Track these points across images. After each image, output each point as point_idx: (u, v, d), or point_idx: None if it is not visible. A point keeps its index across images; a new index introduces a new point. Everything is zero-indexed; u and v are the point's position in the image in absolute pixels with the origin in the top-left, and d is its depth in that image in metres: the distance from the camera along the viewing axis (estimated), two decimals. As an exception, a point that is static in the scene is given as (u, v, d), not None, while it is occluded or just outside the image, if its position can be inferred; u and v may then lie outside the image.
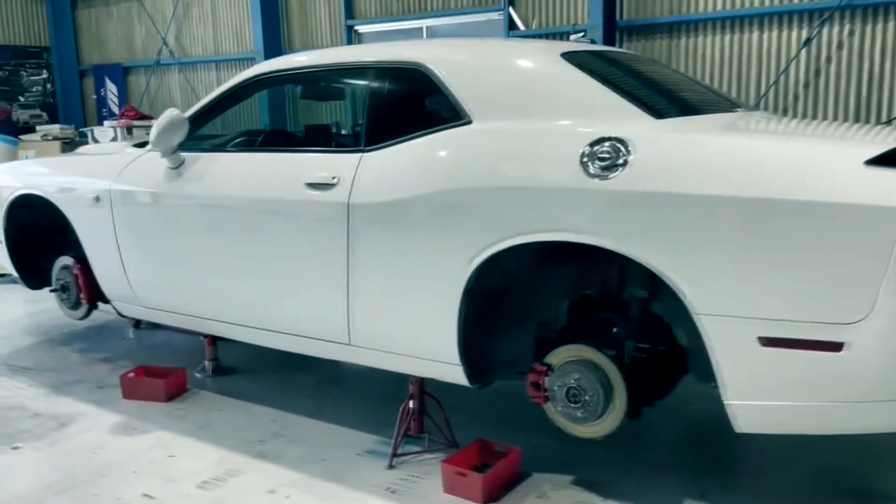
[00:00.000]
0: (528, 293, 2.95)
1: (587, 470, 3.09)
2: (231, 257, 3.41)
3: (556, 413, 2.80)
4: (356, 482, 3.06)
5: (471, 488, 2.86)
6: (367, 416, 3.71)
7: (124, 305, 4.14)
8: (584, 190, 2.44)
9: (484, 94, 2.82)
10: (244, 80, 3.53)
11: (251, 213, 3.30)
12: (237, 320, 3.53)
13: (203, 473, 3.17)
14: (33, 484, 3.11)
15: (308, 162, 3.20)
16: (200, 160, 3.56)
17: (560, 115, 2.66)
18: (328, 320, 3.19)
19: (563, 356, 2.77)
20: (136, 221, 3.76)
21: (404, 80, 3.08)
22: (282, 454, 3.33)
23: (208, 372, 4.37)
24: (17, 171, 4.55)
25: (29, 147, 10.01)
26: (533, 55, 2.89)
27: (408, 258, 2.86)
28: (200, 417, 3.76)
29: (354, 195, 2.98)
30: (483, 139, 2.72)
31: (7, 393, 4.17)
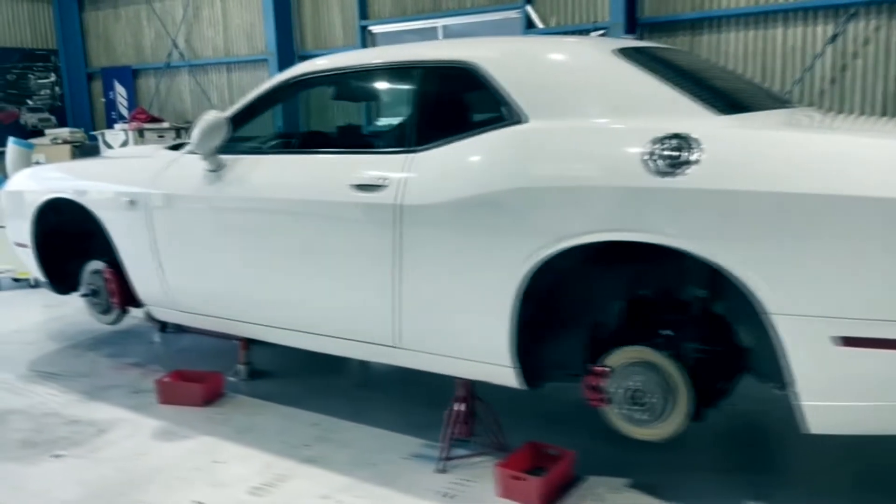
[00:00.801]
0: (581, 294, 2.91)
1: (641, 473, 3.05)
2: (274, 260, 3.37)
3: (616, 416, 2.76)
4: (408, 486, 3.02)
5: (527, 492, 2.83)
6: (408, 419, 3.67)
7: (159, 309, 4.09)
8: (650, 189, 2.41)
9: (538, 93, 2.78)
10: (285, 81, 3.49)
11: (295, 216, 3.26)
12: (279, 323, 3.49)
13: (252, 479, 3.13)
14: (79, 492, 3.07)
15: (353, 163, 3.16)
16: (241, 162, 3.51)
17: (619, 113, 2.62)
18: (376, 322, 3.15)
19: (622, 358, 2.73)
20: (173, 225, 3.71)
21: (454, 79, 3.04)
22: (329, 459, 3.29)
23: (242, 376, 4.33)
24: (45, 175, 4.50)
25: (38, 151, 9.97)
26: (586, 52, 2.85)
27: (461, 260, 2.82)
28: (241, 422, 3.72)
29: (404, 197, 2.94)
30: (540, 138, 2.68)
31: (40, 399, 4.13)
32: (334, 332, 3.32)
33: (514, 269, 2.70)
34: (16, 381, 4.45)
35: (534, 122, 2.74)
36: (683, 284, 2.79)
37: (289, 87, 3.51)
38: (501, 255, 2.72)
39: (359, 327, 3.23)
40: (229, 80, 9.94)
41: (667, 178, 2.39)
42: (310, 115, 9.29)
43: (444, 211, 2.83)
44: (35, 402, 4.08)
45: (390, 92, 4.05)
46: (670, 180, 2.38)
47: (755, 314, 2.43)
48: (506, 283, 2.73)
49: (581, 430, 3.47)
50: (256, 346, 4.34)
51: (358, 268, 3.12)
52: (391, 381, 4.21)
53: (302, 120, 9.25)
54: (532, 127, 2.73)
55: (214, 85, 10.11)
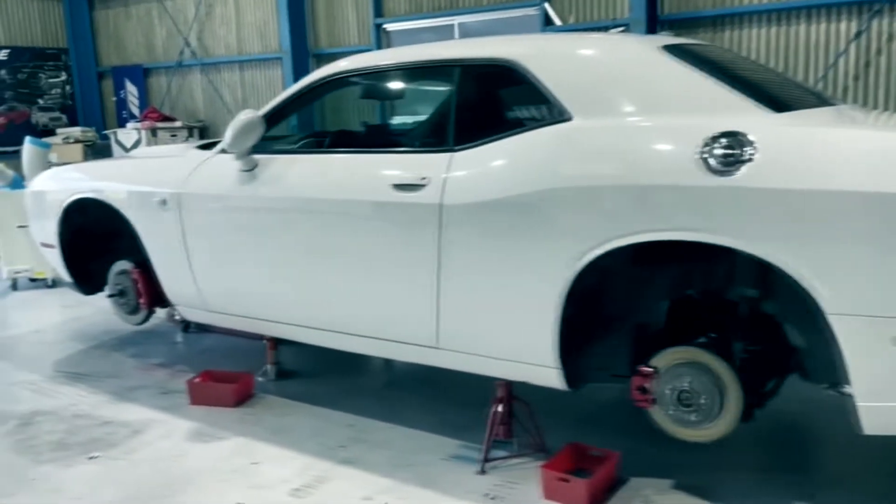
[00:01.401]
0: (624, 294, 2.88)
1: (685, 473, 3.03)
2: (311, 260, 3.35)
3: (664, 417, 2.74)
4: (451, 488, 3.00)
5: (574, 494, 2.81)
6: (442, 419, 3.65)
7: (189, 310, 4.07)
8: (705, 187, 2.38)
9: (584, 91, 2.75)
10: (319, 80, 3.46)
11: (333, 216, 3.23)
12: (315, 323, 3.47)
13: (292, 480, 3.11)
14: (120, 495, 3.05)
15: (392, 162, 3.14)
16: (275, 162, 3.49)
17: (670, 111, 2.59)
18: (414, 323, 3.13)
19: (671, 359, 2.71)
20: (206, 225, 3.69)
21: (495, 77, 3.02)
22: (366, 460, 3.27)
23: (270, 376, 4.31)
24: (71, 175, 4.48)
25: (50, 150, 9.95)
26: (633, 49, 2.82)
27: (506, 260, 2.80)
28: (274, 423, 3.70)
29: (446, 196, 2.91)
30: (588, 136, 2.66)
31: (70, 400, 4.11)
32: (372, 333, 3.30)
33: (560, 269, 2.68)
34: (42, 381, 4.43)
35: (580, 120, 2.72)
36: (731, 284, 2.76)
37: (323, 86, 3.48)
38: (548, 256, 2.69)
39: (397, 328, 3.21)
40: (242, 78, 9.90)
41: (722, 177, 2.36)
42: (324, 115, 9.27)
43: (487, 210, 2.80)
44: (64, 404, 4.06)
45: (428, 90, 4.01)
46: (726, 179, 2.35)
47: (807, 314, 2.41)
48: (552, 283, 2.71)
49: (618, 431, 3.45)
50: (283, 346, 4.33)
51: (397, 268, 3.10)
52: (420, 382, 4.18)
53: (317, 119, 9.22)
54: (579, 125, 2.70)
55: (227, 83, 10.07)
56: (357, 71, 3.38)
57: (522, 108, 3.05)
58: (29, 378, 4.50)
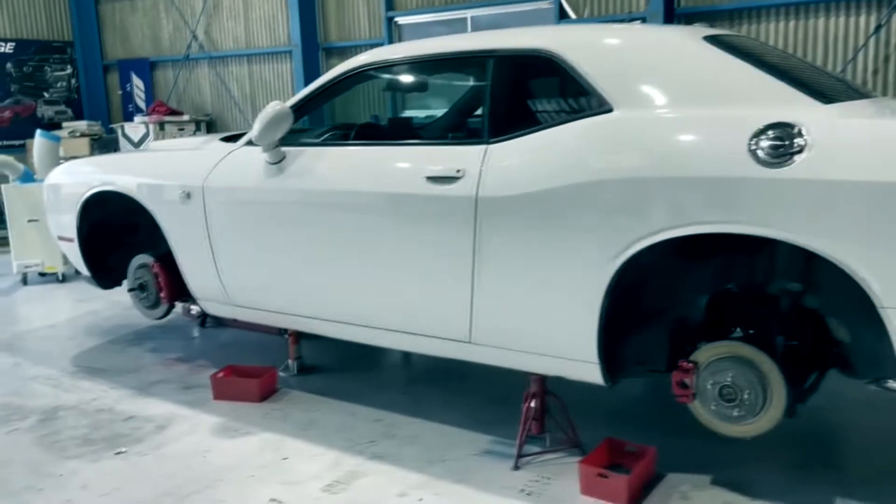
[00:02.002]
0: (664, 288, 2.85)
1: (722, 468, 3.00)
2: (341, 254, 3.30)
3: (705, 412, 2.70)
4: (485, 484, 2.97)
5: (614, 490, 2.77)
6: (470, 414, 3.62)
7: (212, 304, 4.03)
8: (756, 179, 2.34)
9: (626, 81, 2.71)
10: (349, 71, 3.41)
11: (364, 209, 3.19)
12: (345, 318, 3.43)
13: (324, 476, 3.08)
14: (150, 490, 3.01)
15: (427, 155, 3.09)
16: (304, 154, 3.45)
17: (716, 102, 2.55)
18: (448, 317, 3.09)
19: (712, 353, 2.67)
20: (231, 218, 3.64)
21: (532, 67, 2.98)
22: (397, 455, 3.24)
23: (292, 371, 4.28)
24: (90, 168, 4.43)
25: (56, 144, 9.86)
26: (676, 40, 2.78)
27: (546, 254, 2.76)
28: (301, 418, 3.66)
29: (483, 188, 2.87)
30: (633, 128, 2.61)
31: (91, 395, 4.07)
32: (402, 328, 3.26)
33: (604, 263, 2.64)
34: (61, 376, 4.39)
35: (623, 111, 2.67)
36: (772, 278, 2.73)
37: (350, 78, 3.43)
38: (592, 249, 2.65)
39: (429, 322, 3.17)
40: (250, 72, 9.83)
41: (773, 169, 2.32)
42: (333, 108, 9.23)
43: (526, 203, 2.76)
44: (86, 399, 4.02)
45: (461, 81, 3.97)
46: (777, 171, 2.32)
47: (855, 308, 2.38)
48: (594, 277, 2.67)
49: (648, 426, 3.42)
50: (303, 341, 4.29)
51: (431, 261, 3.06)
52: (443, 376, 4.14)
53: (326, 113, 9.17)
54: (622, 116, 2.66)
55: (234, 77, 10.00)
56: (386, 62, 3.33)
57: (558, 99, 3.00)
58: (47, 373, 4.46)
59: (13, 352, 4.89)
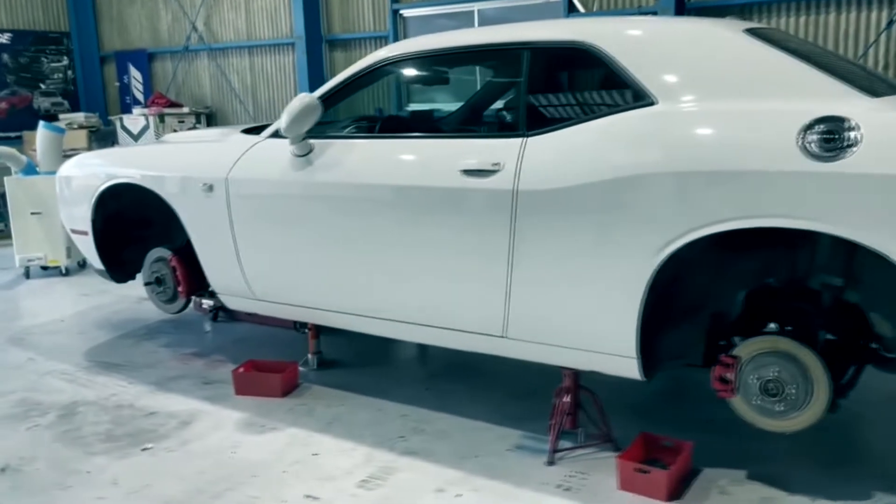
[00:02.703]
0: (703, 282, 2.83)
1: (759, 463, 2.99)
2: (372, 248, 3.27)
3: (747, 407, 2.69)
4: (522, 480, 2.95)
5: (654, 485, 2.76)
6: (496, 409, 3.60)
7: (233, 299, 3.98)
8: (807, 173, 2.33)
9: (669, 74, 2.69)
10: (378, 62, 3.37)
11: (397, 203, 3.16)
12: (374, 313, 3.39)
13: (357, 472, 3.05)
14: (182, 487, 2.97)
15: (461, 147, 3.06)
16: (332, 147, 3.40)
17: (763, 95, 2.53)
18: (482, 312, 3.07)
19: (755, 348, 2.66)
20: (256, 211, 3.60)
21: (569, 60, 2.95)
22: (429, 451, 3.21)
23: (312, 365, 4.24)
24: (106, 160, 4.36)
25: (53, 136, 9.73)
26: (718, 32, 2.76)
27: (587, 248, 2.74)
28: (326, 413, 3.63)
29: (522, 182, 2.84)
30: (678, 121, 2.59)
31: (109, 391, 4.02)
32: (434, 322, 3.23)
33: (647, 257, 2.62)
34: (77, 371, 4.33)
35: (665, 104, 2.65)
36: (814, 273, 2.72)
37: (380, 69, 3.39)
38: (634, 244, 2.63)
39: (462, 317, 3.14)
40: (251, 63, 9.73)
41: (825, 163, 2.31)
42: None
43: (567, 197, 2.73)
44: (104, 394, 3.97)
45: (494, 74, 3.93)
46: (828, 164, 2.30)
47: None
48: (636, 272, 2.65)
49: (678, 421, 3.42)
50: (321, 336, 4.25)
51: (466, 255, 3.03)
52: (465, 371, 4.12)
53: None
54: (665, 109, 2.64)
55: (235, 69, 9.90)
56: (416, 54, 3.29)
57: (596, 92, 2.98)
58: (61, 368, 4.40)
59: (24, 346, 4.82)
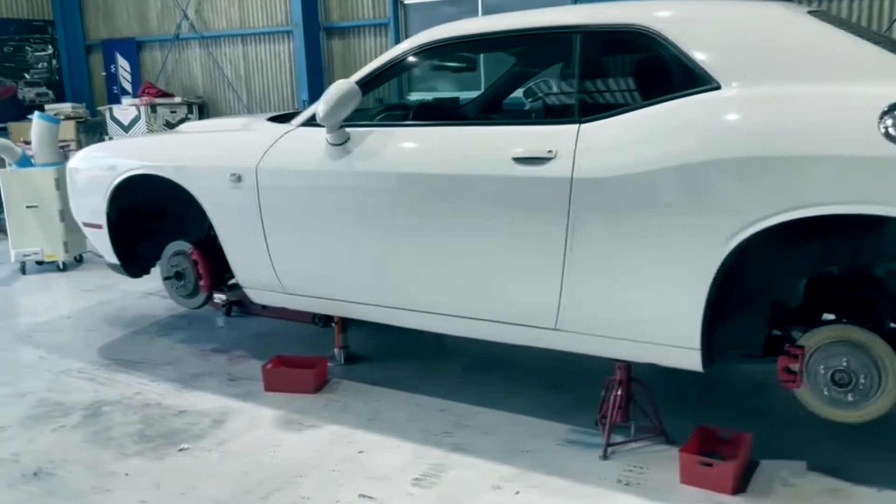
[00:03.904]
0: (764, 271, 2.77)
1: (816, 454, 2.95)
2: (415, 239, 3.17)
3: (815, 398, 2.65)
4: (580, 475, 2.88)
5: (719, 479, 2.71)
6: (535, 402, 3.53)
7: (260, 293, 3.86)
8: (889, 158, 2.27)
9: (734, 57, 2.61)
10: (420, 46, 3.25)
11: (443, 192, 3.06)
12: (416, 306, 3.30)
13: (409, 470, 2.96)
14: (227, 489, 2.87)
15: (512, 135, 2.97)
16: (370, 136, 3.29)
17: (834, 78, 2.47)
18: (533, 304, 2.99)
19: (823, 337, 2.61)
20: (289, 203, 3.47)
21: (626, 43, 2.87)
22: (477, 446, 3.13)
23: (339, 360, 4.14)
24: (122, 150, 4.21)
25: (39, 127, 9.45)
26: (782, 13, 2.68)
27: (650, 237, 2.66)
28: (363, 409, 3.54)
29: (578, 169, 2.76)
30: (747, 106, 2.52)
31: (132, 389, 3.89)
32: (482, 315, 3.14)
33: (715, 246, 2.55)
34: (94, 370, 4.19)
35: (730, 88, 2.58)
36: (880, 260, 2.68)
37: (421, 53, 3.28)
38: (702, 232, 2.56)
39: (513, 309, 3.06)
40: (245, 52, 9.52)
41: (908, 147, 2.25)
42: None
43: (629, 184, 2.65)
44: (128, 393, 3.84)
45: (543, 58, 3.83)
46: (912, 149, 2.25)
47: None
48: (704, 262, 2.58)
49: (725, 411, 3.37)
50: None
51: (518, 246, 2.94)
52: (495, 364, 4.04)
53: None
54: (731, 94, 2.57)
55: (228, 58, 9.69)
56: (460, 38, 3.18)
57: (653, 76, 2.89)
58: (78, 366, 4.25)
59: (35, 344, 4.66)
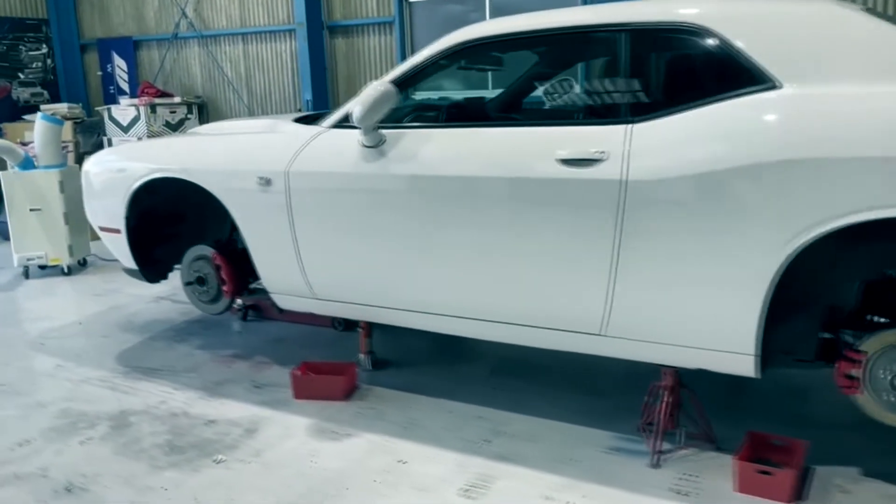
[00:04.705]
0: (821, 274, 2.72)
1: (869, 459, 2.90)
2: (456, 243, 3.09)
3: (877, 404, 2.59)
4: (632, 484, 2.82)
5: (778, 487, 2.65)
6: (572, 408, 3.47)
7: (288, 298, 3.76)
8: (962, 160, 2.22)
9: (793, 56, 2.55)
10: (461, 43, 3.16)
11: (485, 195, 2.98)
12: (454, 311, 3.22)
13: (454, 480, 2.89)
14: (271, 501, 2.78)
15: (554, 135, 2.90)
16: (406, 137, 3.21)
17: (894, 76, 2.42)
18: (580, 309, 2.92)
19: (886, 342, 2.56)
20: (321, 206, 3.38)
21: (679, 41, 2.79)
22: (521, 455, 3.06)
23: (366, 366, 4.06)
24: (141, 153, 4.10)
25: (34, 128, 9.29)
26: (839, 11, 2.63)
27: (706, 241, 2.60)
28: (398, 417, 3.45)
29: (631, 171, 2.69)
30: (811, 105, 2.46)
31: (156, 398, 3.79)
32: (523, 321, 3.07)
33: (775, 249, 2.49)
34: (114, 378, 4.08)
35: (791, 87, 2.52)
36: (939, 263, 2.63)
37: (460, 51, 3.19)
38: (761, 235, 2.50)
39: (558, 314, 2.98)
40: (245, 51, 9.40)
41: (984, 149, 2.20)
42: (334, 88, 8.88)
43: (684, 186, 2.59)
44: (152, 402, 3.74)
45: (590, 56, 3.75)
46: None
47: None
48: (764, 265, 2.52)
49: (769, 416, 3.32)
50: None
51: (565, 249, 2.87)
52: (523, 368, 3.97)
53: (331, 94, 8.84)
54: (792, 92, 2.50)
55: (228, 57, 9.56)
56: (506, 35, 3.09)
57: (705, 74, 2.83)
58: (96, 374, 4.14)
59: (48, 352, 4.54)
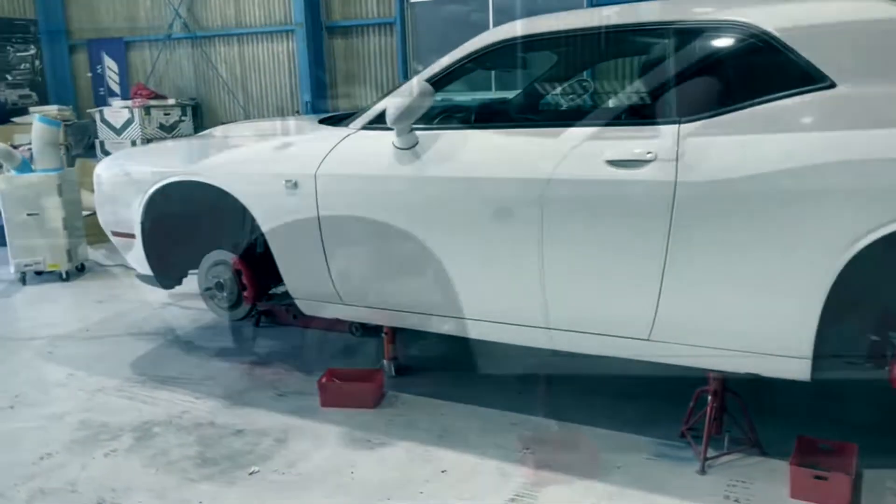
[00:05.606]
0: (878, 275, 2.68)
1: (911, 462, 2.88)
2: (496, 247, 3.02)
3: (934, 406, 2.56)
4: (684, 491, 2.76)
5: (834, 492, 2.61)
6: (610, 414, 3.41)
7: (313, 304, 3.68)
8: None
9: (848, 56, 2.52)
10: (500, 42, 3.08)
11: (528, 198, 2.91)
12: (492, 317, 3.15)
13: (501, 490, 2.82)
14: (314, 515, 2.70)
15: (600, 136, 2.84)
16: (441, 139, 3.14)
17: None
18: (626, 313, 2.86)
19: (942, 345, 2.53)
20: (354, 210, 3.30)
21: (729, 41, 2.75)
22: (564, 463, 3.00)
23: (390, 372, 3.97)
24: (158, 156, 4.00)
25: (23, 130, 9.10)
26: (892, 11, 2.60)
27: (761, 244, 2.56)
28: (430, 424, 3.38)
29: (682, 172, 2.64)
30: (869, 104, 2.43)
31: (178, 408, 3.68)
32: (569, 326, 3.01)
33: (835, 252, 2.45)
34: (131, 387, 3.97)
35: (846, 86, 2.49)
36: None
37: (499, 50, 3.12)
38: (820, 238, 2.46)
39: (604, 319, 2.93)
40: (241, 52, 9.28)
41: None
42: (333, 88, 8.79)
43: (738, 188, 2.54)
44: (175, 412, 3.63)
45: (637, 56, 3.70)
46: None
47: None
48: (823, 268, 2.48)
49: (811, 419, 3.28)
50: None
51: (612, 253, 2.82)
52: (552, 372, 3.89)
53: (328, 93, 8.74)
54: (853, 92, 2.47)
55: (223, 58, 9.43)
56: (548, 34, 3.04)
57: (756, 74, 2.79)
58: (111, 384, 4.02)
59: (57, 361, 4.41)
